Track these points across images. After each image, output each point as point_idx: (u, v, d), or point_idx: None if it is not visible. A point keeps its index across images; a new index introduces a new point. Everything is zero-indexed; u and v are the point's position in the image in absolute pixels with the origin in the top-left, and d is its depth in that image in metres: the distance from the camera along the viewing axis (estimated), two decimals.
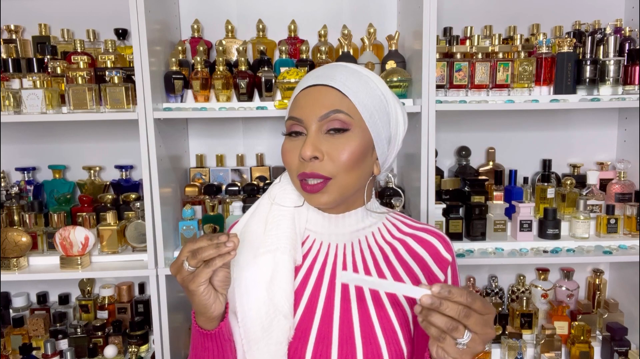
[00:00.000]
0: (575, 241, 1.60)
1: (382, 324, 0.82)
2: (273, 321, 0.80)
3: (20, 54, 1.67)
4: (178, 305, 1.64)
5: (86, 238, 1.49)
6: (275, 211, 0.87)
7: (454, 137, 1.84)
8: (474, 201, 1.61)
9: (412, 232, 0.92)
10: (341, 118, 0.79)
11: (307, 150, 0.78)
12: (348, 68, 0.84)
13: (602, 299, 1.80)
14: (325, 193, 0.80)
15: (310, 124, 0.80)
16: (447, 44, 1.62)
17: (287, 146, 0.83)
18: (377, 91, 0.83)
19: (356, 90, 0.81)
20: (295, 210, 0.88)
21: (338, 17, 1.79)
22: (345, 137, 0.80)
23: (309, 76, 0.85)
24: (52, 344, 1.57)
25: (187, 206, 1.58)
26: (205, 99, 1.56)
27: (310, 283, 0.86)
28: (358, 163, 0.81)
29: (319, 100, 0.80)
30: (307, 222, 0.89)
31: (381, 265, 0.88)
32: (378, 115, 0.82)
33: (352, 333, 0.82)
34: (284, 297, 0.81)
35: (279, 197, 0.89)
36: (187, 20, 1.77)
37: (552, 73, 1.57)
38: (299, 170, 0.81)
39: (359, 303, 0.84)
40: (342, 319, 0.83)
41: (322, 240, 0.89)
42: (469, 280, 1.81)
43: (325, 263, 0.87)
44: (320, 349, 0.81)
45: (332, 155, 0.79)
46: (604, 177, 1.77)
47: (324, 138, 0.80)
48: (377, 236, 0.91)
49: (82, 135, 1.81)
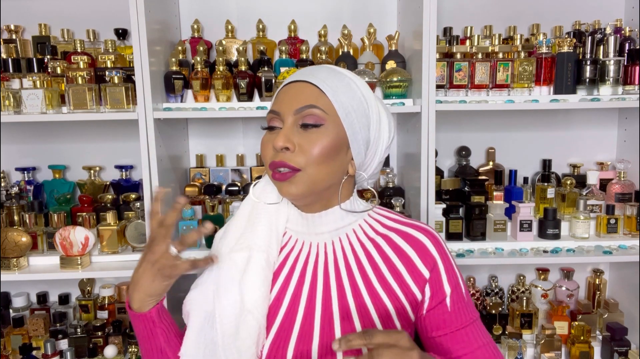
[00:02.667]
0: (575, 241, 1.60)
1: (362, 321, 0.83)
2: (240, 319, 0.81)
3: (20, 53, 1.67)
4: (178, 305, 1.63)
5: (86, 238, 1.49)
6: (255, 210, 0.89)
7: (454, 137, 1.84)
8: (474, 201, 1.61)
9: (397, 227, 0.90)
10: (316, 113, 0.80)
11: (279, 140, 0.79)
12: (332, 69, 0.86)
13: (602, 299, 1.80)
14: (293, 184, 0.81)
15: (286, 117, 0.81)
16: (447, 44, 1.62)
17: (264, 139, 0.85)
18: (358, 92, 0.84)
19: (335, 88, 0.82)
20: (275, 209, 0.89)
21: (338, 17, 1.79)
22: (318, 131, 0.81)
23: (294, 74, 0.87)
24: (52, 344, 1.57)
25: (187, 206, 1.58)
26: (205, 99, 1.56)
27: (292, 282, 0.86)
28: (329, 159, 0.81)
29: (297, 95, 0.82)
30: (287, 221, 0.90)
31: (363, 262, 0.87)
32: (355, 115, 0.83)
33: (332, 332, 0.82)
34: (254, 297, 0.81)
35: (259, 194, 0.91)
36: (187, 20, 1.77)
37: (552, 73, 1.57)
38: (271, 159, 0.82)
39: (340, 301, 0.84)
40: (323, 318, 0.83)
41: (304, 239, 0.90)
42: (469, 280, 1.81)
43: (307, 262, 0.88)
44: (301, 347, 0.82)
45: (304, 148, 0.80)
46: (604, 176, 1.77)
47: (297, 131, 0.81)
48: (359, 233, 0.90)
49: (82, 135, 1.81)
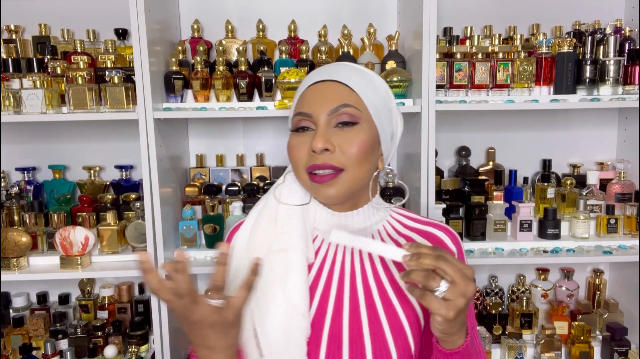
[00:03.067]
0: (575, 241, 1.59)
1: (390, 322, 0.83)
2: (292, 323, 0.78)
3: (20, 54, 1.67)
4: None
5: (86, 238, 1.49)
6: (284, 211, 0.87)
7: (454, 137, 1.84)
8: (474, 201, 1.61)
9: (418, 227, 0.93)
10: (350, 112, 0.80)
11: (319, 142, 0.77)
12: (351, 66, 0.86)
13: (602, 299, 1.80)
14: (333, 186, 0.79)
15: (319, 118, 0.80)
16: (447, 44, 1.62)
17: (294, 141, 0.83)
18: (381, 88, 0.85)
19: (362, 85, 0.82)
20: (304, 209, 0.87)
21: (338, 17, 1.79)
22: (355, 129, 0.80)
23: (314, 74, 0.85)
24: (52, 344, 1.57)
25: (187, 206, 1.58)
26: (205, 99, 1.56)
27: (320, 283, 0.85)
28: (367, 156, 0.81)
29: (328, 94, 0.81)
30: (314, 221, 0.88)
31: (388, 262, 0.88)
32: (382, 110, 0.84)
33: (361, 332, 0.82)
34: (300, 296, 0.79)
35: (286, 196, 0.88)
36: (187, 20, 1.77)
37: (552, 73, 1.57)
38: (308, 163, 0.80)
39: (367, 301, 0.84)
40: (352, 318, 0.83)
41: (331, 239, 0.89)
42: None
43: (334, 262, 0.87)
44: (332, 349, 0.81)
45: (343, 147, 0.79)
46: (604, 176, 1.77)
47: (333, 132, 0.80)
48: (383, 233, 0.91)
49: (82, 135, 1.81)
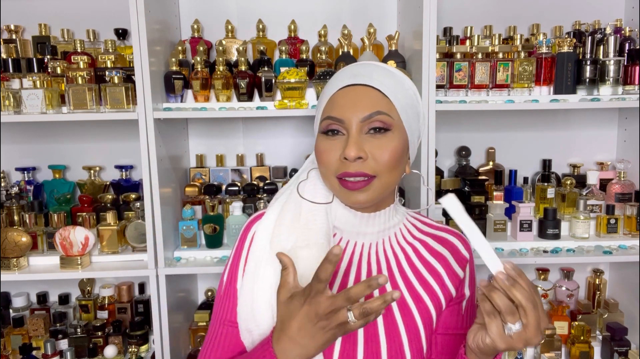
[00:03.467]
0: (575, 241, 1.59)
1: (406, 322, 0.83)
2: None
3: (20, 54, 1.67)
4: (178, 305, 1.64)
5: (86, 238, 1.49)
6: (308, 207, 0.87)
7: (454, 137, 1.84)
8: (474, 201, 1.61)
9: (432, 232, 0.94)
10: (383, 119, 0.79)
11: (352, 150, 0.77)
12: (382, 67, 0.83)
13: (602, 299, 1.80)
14: (364, 192, 0.79)
15: (351, 125, 0.79)
16: (447, 44, 1.62)
17: (324, 145, 0.82)
18: (410, 91, 0.84)
19: (394, 90, 0.81)
20: (328, 207, 0.88)
21: (338, 17, 1.79)
22: (387, 137, 0.80)
23: (343, 75, 0.83)
24: (52, 344, 1.57)
25: (187, 206, 1.58)
26: (205, 99, 1.56)
27: (337, 281, 0.86)
28: (399, 163, 0.81)
29: (360, 100, 0.79)
30: (335, 220, 0.88)
31: (403, 263, 0.89)
32: (412, 115, 0.83)
33: (376, 330, 0.82)
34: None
35: (310, 193, 0.88)
36: (187, 20, 1.77)
37: (552, 73, 1.57)
38: (339, 169, 0.80)
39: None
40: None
41: (349, 239, 0.89)
42: None
43: (351, 261, 0.88)
44: (347, 347, 0.82)
45: (375, 155, 0.79)
46: (604, 176, 1.77)
47: (365, 138, 0.79)
48: (399, 236, 0.92)
49: (82, 135, 1.81)
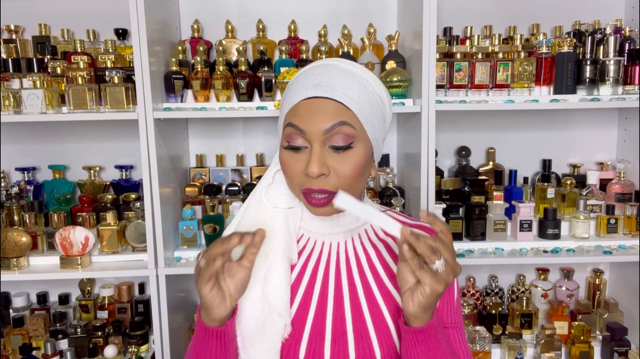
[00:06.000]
0: (575, 241, 1.59)
1: (374, 320, 0.84)
2: (267, 320, 0.81)
3: (20, 53, 1.67)
4: (178, 305, 1.64)
5: (86, 238, 1.49)
6: (268, 212, 0.88)
7: (454, 137, 1.84)
8: (474, 201, 1.61)
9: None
10: (345, 131, 0.77)
11: (314, 167, 0.76)
12: (345, 71, 0.80)
13: (602, 299, 1.80)
14: (328, 207, 0.79)
15: (313, 138, 0.77)
16: (447, 44, 1.62)
17: (287, 159, 0.81)
18: (375, 95, 0.82)
19: (358, 99, 0.79)
20: (290, 211, 0.88)
21: (338, 17, 1.79)
22: (349, 152, 0.79)
23: (306, 82, 0.80)
24: (52, 344, 1.57)
25: (187, 206, 1.58)
26: (205, 99, 1.56)
27: (304, 280, 0.87)
28: (362, 174, 0.81)
29: (323, 111, 0.77)
30: (301, 221, 0.89)
31: (374, 260, 0.89)
32: (376, 120, 0.82)
33: (344, 330, 0.83)
34: (279, 296, 0.81)
35: (272, 198, 0.89)
36: (187, 20, 1.77)
37: (552, 73, 1.57)
38: (303, 184, 0.79)
39: (352, 300, 0.85)
40: (335, 316, 0.84)
41: (317, 239, 0.90)
42: (469, 280, 1.81)
43: (319, 260, 0.88)
44: (313, 346, 0.82)
45: (338, 170, 0.78)
46: (604, 177, 1.77)
47: (328, 152, 0.78)
48: (370, 233, 0.91)
49: (82, 135, 1.81)
